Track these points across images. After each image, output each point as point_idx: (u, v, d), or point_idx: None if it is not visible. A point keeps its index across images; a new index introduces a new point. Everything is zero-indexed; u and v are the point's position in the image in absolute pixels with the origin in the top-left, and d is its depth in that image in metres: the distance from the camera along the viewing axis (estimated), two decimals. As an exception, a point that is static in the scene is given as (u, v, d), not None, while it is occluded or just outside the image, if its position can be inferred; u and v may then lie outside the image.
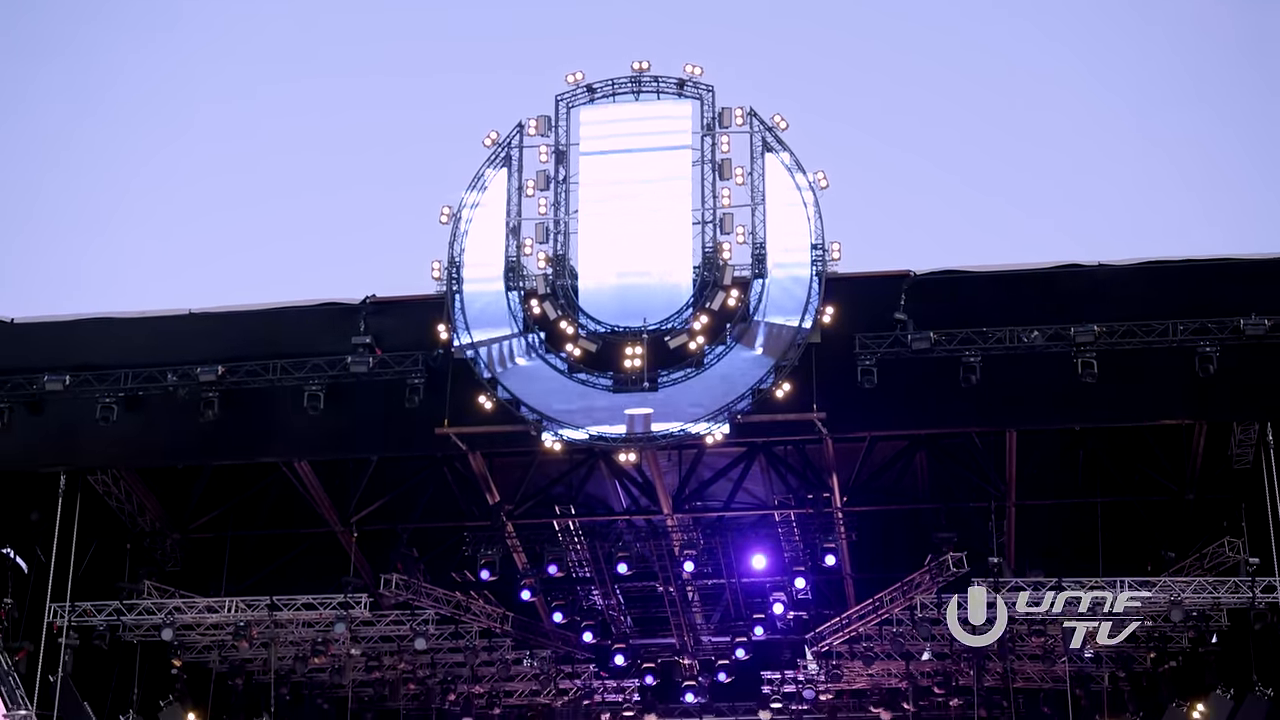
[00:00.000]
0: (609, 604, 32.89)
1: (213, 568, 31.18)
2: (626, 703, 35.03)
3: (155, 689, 31.84)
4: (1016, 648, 31.03)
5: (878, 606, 30.51)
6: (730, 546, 31.12)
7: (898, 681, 33.14)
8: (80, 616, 29.35)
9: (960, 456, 29.31)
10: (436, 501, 31.09)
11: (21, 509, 29.79)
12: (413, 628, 30.84)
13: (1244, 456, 27.54)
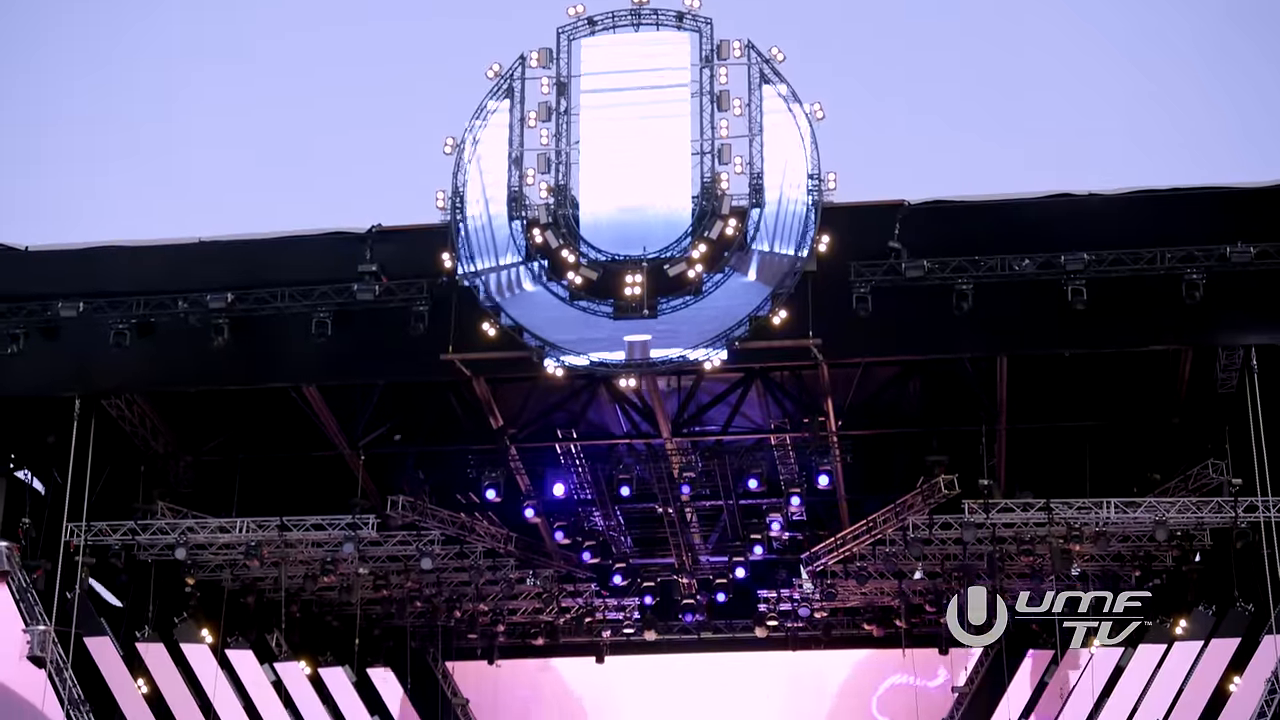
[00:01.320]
0: (609, 525, 33.14)
1: (224, 490, 31.37)
2: (627, 621, 35.36)
3: (170, 606, 32.20)
4: (1006, 567, 31.29)
5: (871, 527, 30.72)
6: (728, 469, 31.27)
7: (890, 599, 33.43)
8: (96, 536, 29.67)
9: (952, 382, 29.43)
10: (441, 426, 31.30)
11: (38, 433, 30.02)
12: (419, 548, 31.10)
13: (1228, 381, 27.69)
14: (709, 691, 35.82)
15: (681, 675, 35.98)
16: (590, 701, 36.28)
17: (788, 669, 35.67)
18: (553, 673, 36.52)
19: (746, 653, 35.77)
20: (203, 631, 32.31)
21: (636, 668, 36.06)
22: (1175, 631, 31.17)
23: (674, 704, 35.86)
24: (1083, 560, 30.46)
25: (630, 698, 36.08)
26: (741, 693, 35.75)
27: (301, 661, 33.80)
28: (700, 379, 29.49)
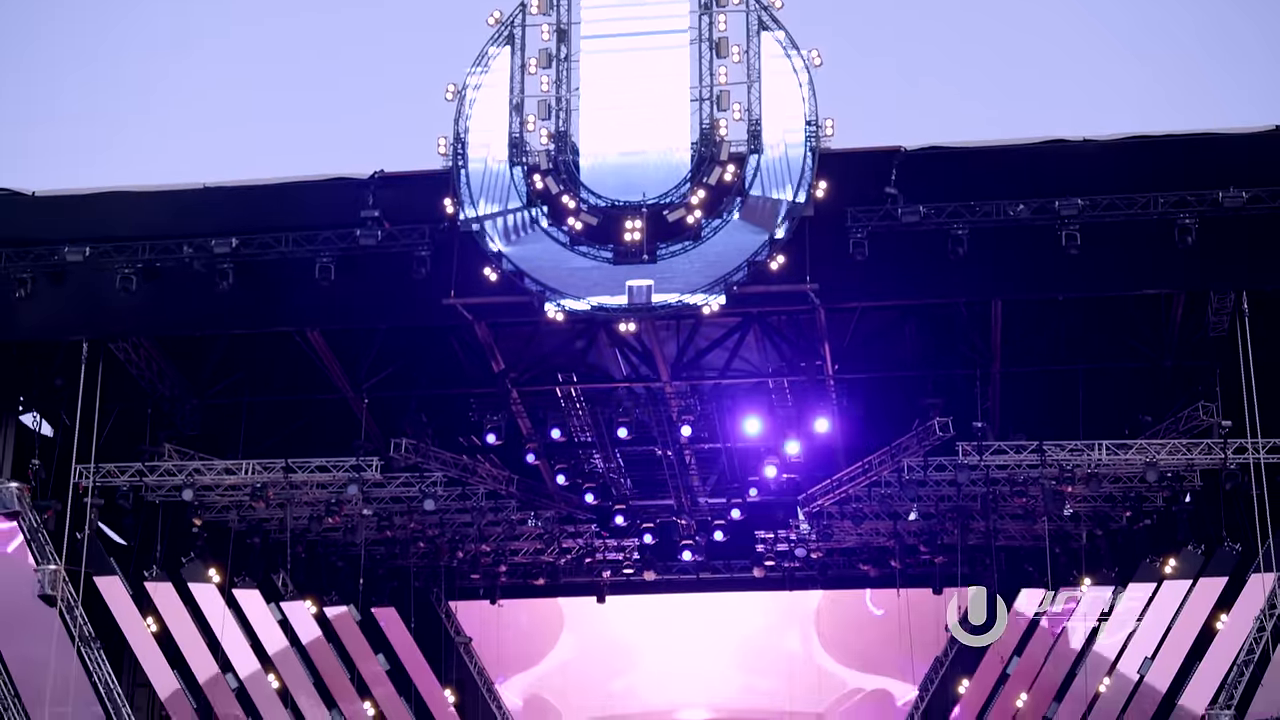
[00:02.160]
0: (609, 467, 33.25)
1: (230, 432, 31.49)
2: (626, 561, 35.57)
3: (177, 546, 32.40)
4: (999, 508, 31.49)
5: (867, 469, 30.91)
6: (726, 412, 31.38)
7: (885, 540, 33.62)
8: (104, 478, 29.83)
9: (947, 326, 29.53)
10: (443, 370, 31.40)
11: (46, 376, 30.10)
12: (422, 489, 31.27)
13: (1219, 324, 27.76)
14: (707, 630, 36.10)
15: (680, 614, 36.24)
16: (590, 640, 36.53)
17: (784, 608, 35.91)
18: (554, 612, 36.74)
19: (744, 592, 36.03)
20: (210, 571, 32.50)
21: (636, 607, 36.31)
22: (1164, 570, 31.36)
23: (673, 642, 36.15)
24: (1074, 501, 30.65)
25: (630, 636, 36.36)
26: (739, 631, 36.03)
27: (307, 601, 33.99)
28: (699, 323, 29.55)
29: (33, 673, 28.88)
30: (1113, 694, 31.23)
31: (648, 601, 36.25)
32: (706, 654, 36.04)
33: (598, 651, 36.50)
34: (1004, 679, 33.02)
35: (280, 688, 32.83)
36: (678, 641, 36.26)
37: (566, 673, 36.61)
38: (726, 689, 35.77)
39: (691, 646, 36.15)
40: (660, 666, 36.21)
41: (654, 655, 36.24)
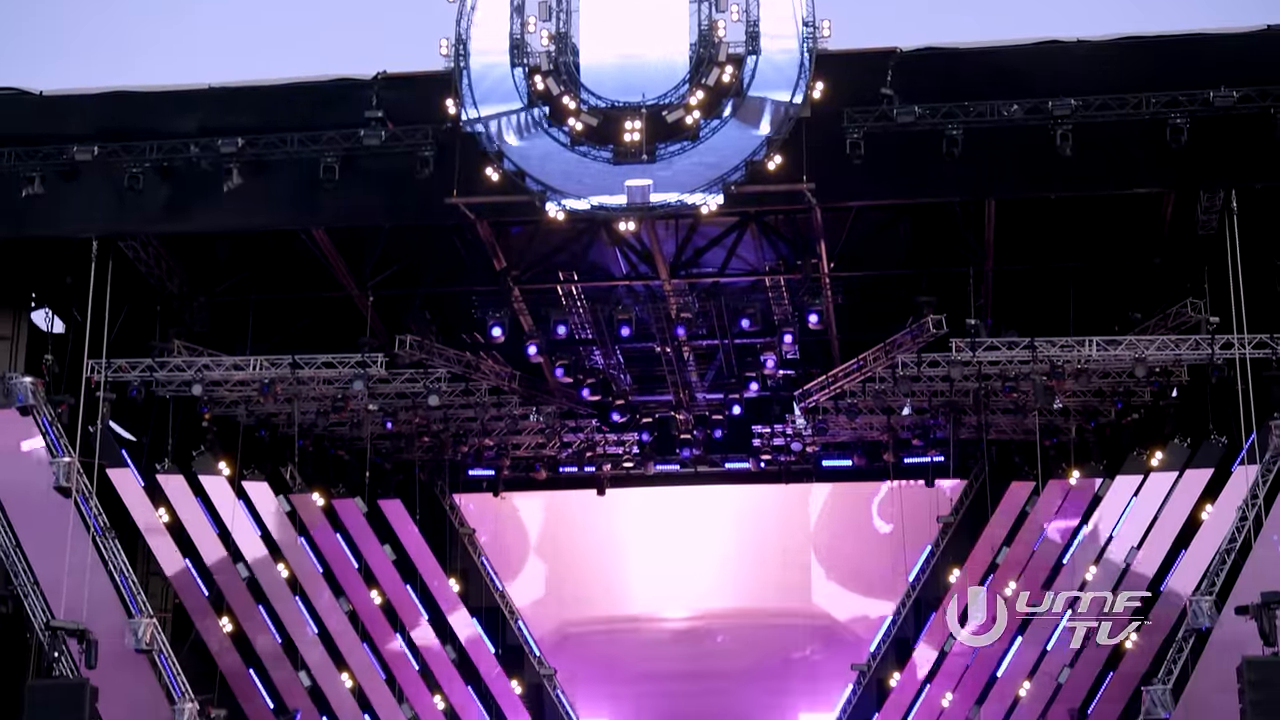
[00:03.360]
0: (610, 364, 33.49)
1: (238, 329, 31.68)
2: (626, 455, 35.88)
3: (188, 440, 32.71)
4: (991, 403, 31.75)
5: (861, 365, 31.11)
6: (724, 310, 31.55)
7: (879, 434, 33.91)
8: (116, 373, 30.06)
9: (941, 225, 29.62)
10: (446, 268, 31.53)
11: (56, 273, 30.22)
12: (426, 385, 31.52)
13: (1209, 223, 27.86)
14: (705, 522, 36.48)
15: (678, 506, 36.61)
16: (591, 532, 36.92)
17: (780, 500, 36.26)
18: (555, 504, 37.11)
19: (741, 485, 36.38)
20: (220, 464, 32.85)
21: (635, 500, 36.67)
22: (1151, 463, 31.77)
23: (671, 534, 36.54)
24: (1064, 396, 30.93)
25: (629, 528, 36.74)
26: (735, 523, 36.40)
27: (315, 494, 34.38)
28: (697, 222, 29.64)
29: (50, 562, 29.25)
30: (1099, 583, 31.67)
31: (646, 494, 36.61)
32: (704, 544, 36.39)
33: (598, 543, 36.86)
34: (994, 568, 33.45)
35: (289, 577, 33.29)
36: (676, 532, 36.62)
37: (568, 564, 37.02)
38: (723, 584, 36.16)
39: (690, 537, 36.52)
40: (658, 559, 36.59)
41: (653, 546, 36.60)
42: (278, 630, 32.70)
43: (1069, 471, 32.84)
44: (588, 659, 36.29)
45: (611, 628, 36.38)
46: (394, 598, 34.34)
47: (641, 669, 35.82)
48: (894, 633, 35.04)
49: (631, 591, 36.46)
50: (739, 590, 36.16)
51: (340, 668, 32.90)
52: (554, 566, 37.01)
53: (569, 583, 36.83)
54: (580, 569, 36.95)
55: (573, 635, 36.42)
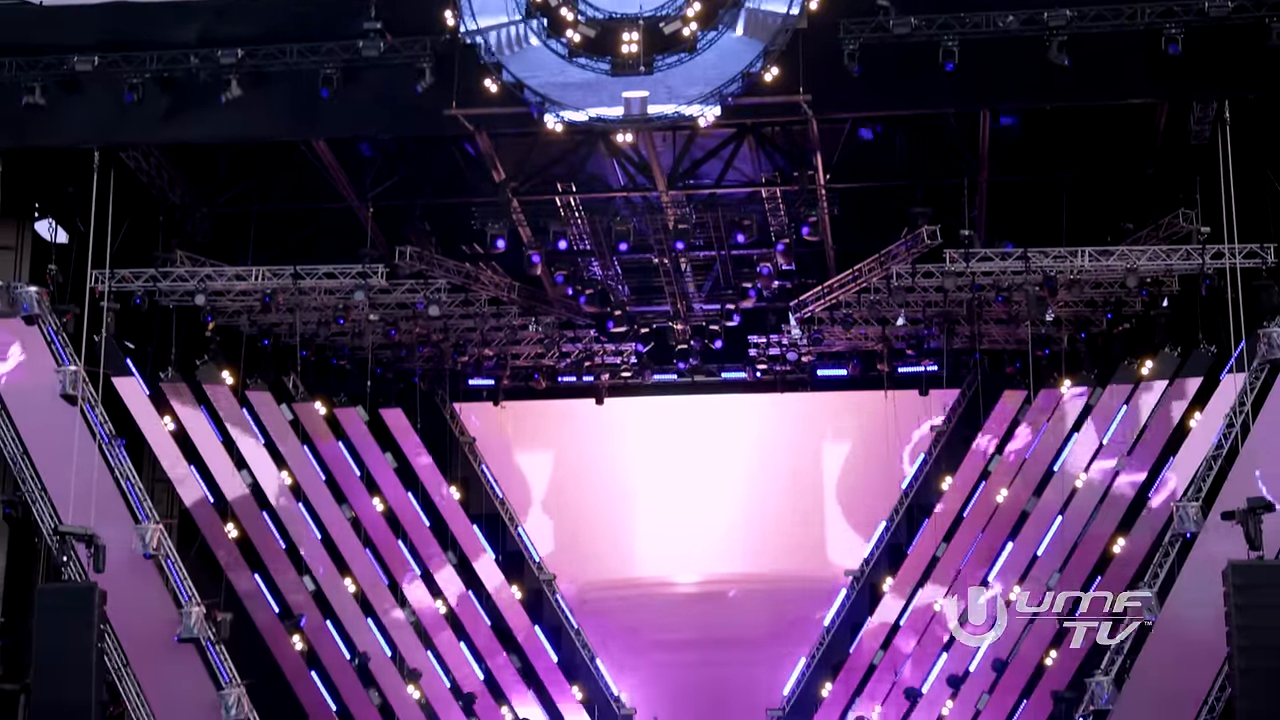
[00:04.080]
0: (608, 274, 33.50)
1: (239, 239, 31.66)
2: (624, 365, 35.96)
3: (192, 350, 32.80)
4: (984, 313, 31.81)
5: (857, 276, 31.15)
6: (720, 221, 31.52)
7: (874, 344, 33.98)
8: (119, 283, 30.09)
9: (937, 136, 29.54)
10: (446, 179, 31.46)
11: (59, 183, 30.16)
12: (426, 295, 31.52)
13: (1201, 133, 27.80)
14: (702, 430, 36.63)
15: (675, 415, 36.75)
16: (589, 440, 37.08)
17: (776, 409, 36.39)
18: (554, 413, 37.24)
19: (737, 394, 36.50)
20: (223, 374, 32.94)
21: (633, 409, 36.80)
22: (1141, 372, 31.90)
23: (668, 442, 36.71)
24: (1057, 306, 30.98)
25: (627, 437, 36.90)
26: (731, 431, 36.56)
27: (317, 402, 34.51)
28: (694, 134, 29.52)
29: (57, 469, 29.40)
30: (1089, 489, 31.93)
31: (644, 403, 36.74)
32: (701, 452, 36.57)
33: (596, 451, 37.03)
34: (985, 476, 33.67)
35: (293, 484, 33.49)
36: (673, 441, 36.78)
37: (565, 470, 37.19)
38: (719, 491, 36.36)
39: (686, 445, 36.69)
40: (655, 467, 36.77)
41: (650, 454, 36.78)
42: (281, 536, 32.94)
43: (1060, 381, 32.98)
44: (586, 566, 36.54)
45: (611, 534, 36.61)
46: (395, 505, 34.56)
47: (639, 575, 36.08)
48: (887, 539, 35.29)
49: (628, 497, 36.62)
50: (734, 498, 36.33)
51: (343, 573, 33.18)
52: (552, 474, 37.14)
53: (566, 489, 36.99)
54: (577, 477, 37.10)
55: (571, 543, 36.64)
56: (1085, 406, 32.73)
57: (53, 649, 26.94)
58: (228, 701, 29.57)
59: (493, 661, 33.91)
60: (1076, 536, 31.66)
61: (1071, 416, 32.81)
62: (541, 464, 37.27)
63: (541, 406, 37.27)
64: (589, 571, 36.29)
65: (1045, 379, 32.95)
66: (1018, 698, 31.15)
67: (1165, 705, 28.54)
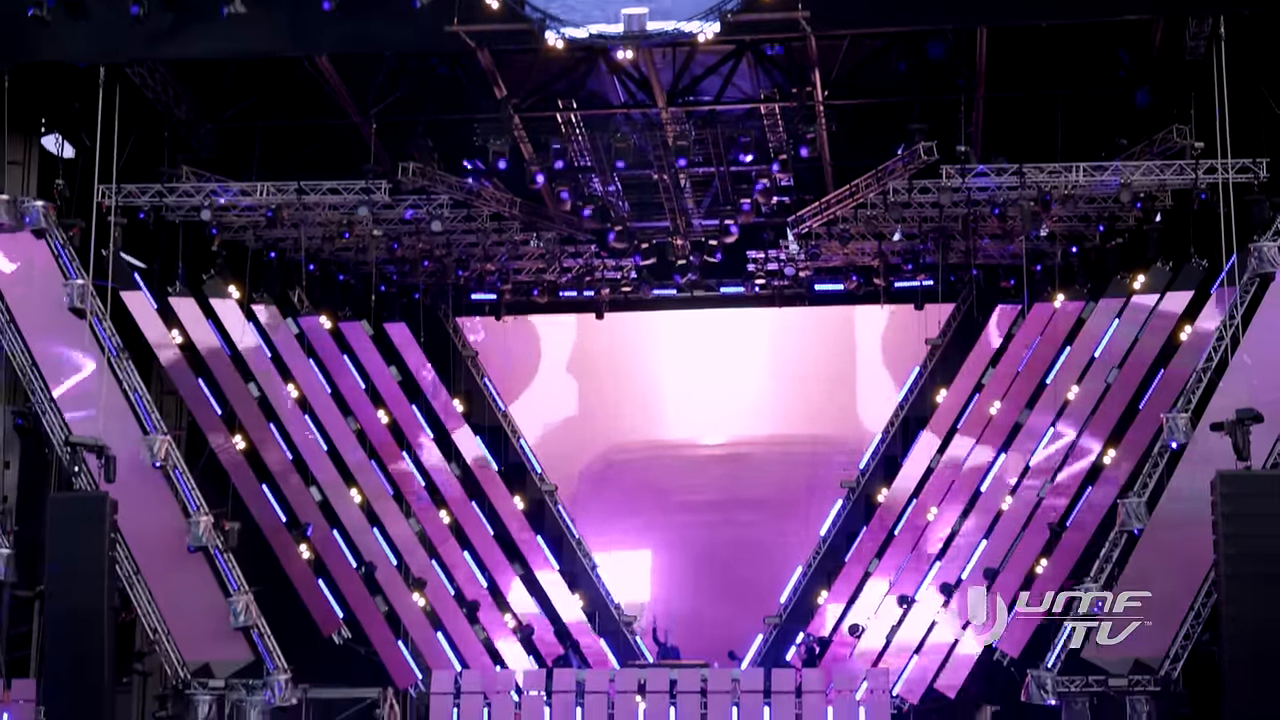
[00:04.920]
0: (608, 190, 33.32)
1: (244, 155, 31.51)
2: (624, 280, 35.89)
3: (198, 264, 32.75)
4: (979, 228, 31.73)
5: (854, 192, 31.04)
6: (720, 137, 31.34)
7: (870, 260, 33.91)
8: (126, 198, 29.99)
9: (934, 53, 29.30)
10: (448, 96, 31.26)
11: (65, 98, 29.98)
12: (429, 211, 31.46)
13: (1196, 49, 27.53)
14: (700, 344, 36.67)
15: (674, 329, 36.78)
16: (589, 354, 37.11)
17: (773, 323, 36.40)
18: (555, 327, 37.25)
19: (735, 309, 36.49)
20: (229, 288, 32.91)
21: (633, 323, 36.81)
22: (1134, 286, 31.86)
23: (667, 355, 36.76)
24: (1051, 221, 30.91)
25: (627, 350, 36.93)
26: (729, 345, 36.59)
27: (322, 316, 34.49)
28: (694, 51, 29.29)
29: (66, 381, 29.50)
30: (1081, 401, 31.98)
31: (644, 318, 36.71)
32: (698, 365, 36.62)
33: (596, 364, 37.08)
34: (979, 388, 33.73)
35: (299, 397, 33.54)
36: (672, 354, 36.84)
37: (564, 383, 37.23)
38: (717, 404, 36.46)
39: (685, 358, 36.75)
40: (655, 379, 36.84)
41: (649, 367, 36.82)
42: (288, 448, 33.03)
43: (1053, 295, 32.93)
44: (587, 476, 36.69)
45: (610, 444, 36.73)
46: (400, 417, 34.60)
47: (636, 481, 36.22)
48: (882, 451, 35.42)
49: (624, 409, 36.68)
50: (733, 410, 36.42)
51: (349, 484, 33.29)
52: (552, 387, 37.17)
53: (565, 402, 37.06)
54: (575, 389, 37.16)
55: (572, 454, 36.75)
56: (1078, 320, 32.71)
57: (65, 557, 27.14)
58: (236, 608, 29.83)
59: (496, 570, 34.08)
60: (1068, 448, 31.75)
61: (1064, 330, 32.80)
62: (541, 377, 37.20)
63: (542, 321, 37.27)
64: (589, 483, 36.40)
65: (1039, 293, 32.90)
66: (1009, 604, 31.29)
67: (1153, 612, 28.80)
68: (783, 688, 28.81)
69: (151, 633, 30.00)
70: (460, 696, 29.18)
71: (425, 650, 32.52)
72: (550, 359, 37.40)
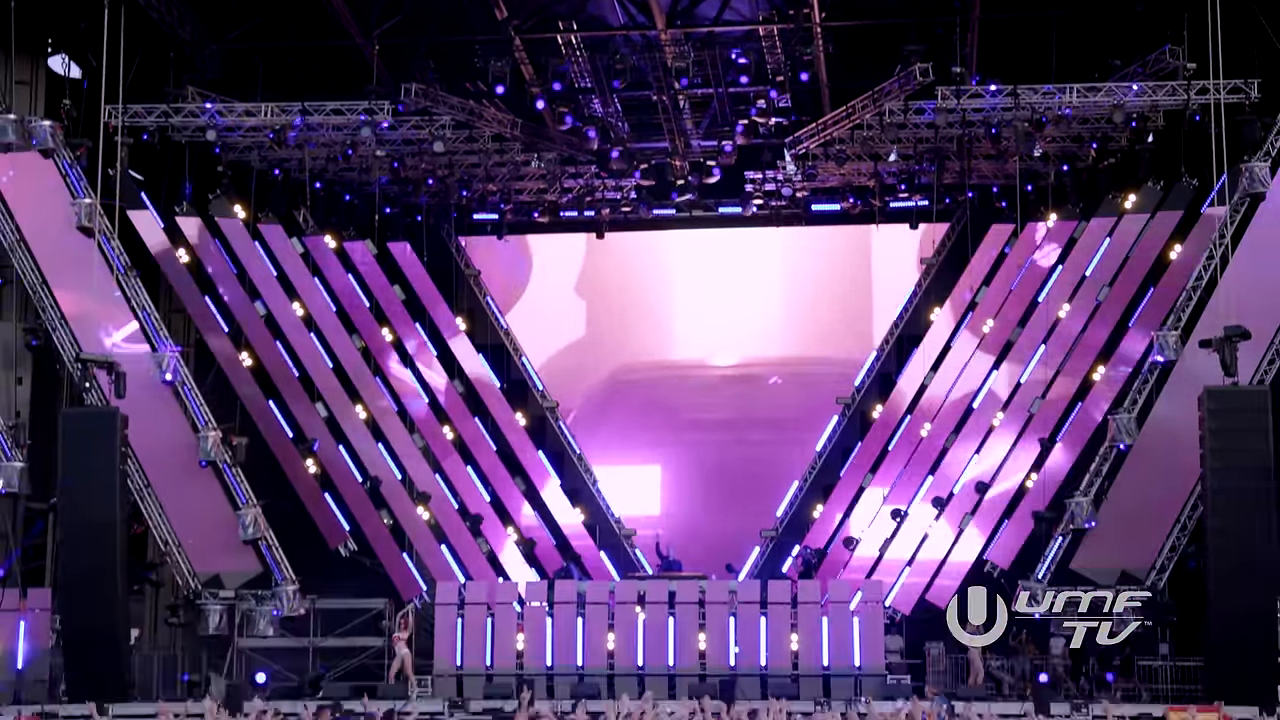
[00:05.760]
0: (608, 111, 33.18)
1: (248, 76, 31.37)
2: (624, 200, 35.79)
3: (204, 184, 32.67)
4: (974, 149, 31.62)
5: (850, 113, 30.94)
6: (718, 59, 31.19)
7: (866, 180, 33.83)
8: (132, 118, 29.88)
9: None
10: (450, 18, 31.05)
11: (71, 20, 29.78)
12: (431, 132, 31.35)
13: (1189, -31, 27.47)
14: (698, 263, 36.60)
15: (673, 249, 36.71)
16: (590, 273, 37.05)
17: (770, 243, 36.34)
18: (556, 247, 37.18)
19: (733, 229, 36.42)
20: (235, 207, 32.84)
21: (632, 243, 36.73)
22: (1125, 206, 31.80)
23: (665, 274, 36.71)
24: (1044, 141, 30.82)
25: (627, 269, 36.88)
26: (727, 265, 36.52)
27: (326, 236, 34.44)
28: (693, -28, 29.16)
29: (78, 299, 29.52)
30: (1072, 318, 32.01)
31: (643, 237, 36.61)
32: (696, 284, 36.57)
33: (597, 284, 37.02)
34: (973, 307, 33.74)
35: (304, 315, 33.55)
36: (670, 273, 36.77)
37: (563, 302, 37.18)
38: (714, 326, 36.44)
39: (682, 277, 36.68)
40: (654, 299, 36.80)
41: (648, 286, 36.76)
42: (294, 365, 33.09)
43: (1046, 214, 32.89)
44: (587, 394, 36.77)
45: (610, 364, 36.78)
46: (403, 335, 34.63)
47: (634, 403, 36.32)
48: (877, 368, 35.47)
49: (622, 328, 36.64)
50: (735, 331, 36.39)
51: (354, 400, 33.38)
52: (550, 305, 37.08)
53: (565, 320, 37.01)
54: (575, 307, 37.13)
55: (573, 370, 36.80)
56: (1070, 239, 32.69)
57: (77, 471, 27.30)
58: (245, 521, 30.05)
59: (498, 485, 34.25)
60: (1059, 364, 31.82)
61: (1056, 249, 32.79)
62: (542, 297, 37.15)
63: (544, 240, 37.20)
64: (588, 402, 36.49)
65: (1031, 213, 32.85)
66: (1000, 517, 31.54)
67: (1140, 524, 29.04)
68: (779, 599, 29.02)
69: (162, 544, 30.22)
70: (464, 607, 29.39)
71: (430, 562, 32.75)
72: (552, 279, 37.27)
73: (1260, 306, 27.53)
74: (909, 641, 30.67)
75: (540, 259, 37.30)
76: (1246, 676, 24.56)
